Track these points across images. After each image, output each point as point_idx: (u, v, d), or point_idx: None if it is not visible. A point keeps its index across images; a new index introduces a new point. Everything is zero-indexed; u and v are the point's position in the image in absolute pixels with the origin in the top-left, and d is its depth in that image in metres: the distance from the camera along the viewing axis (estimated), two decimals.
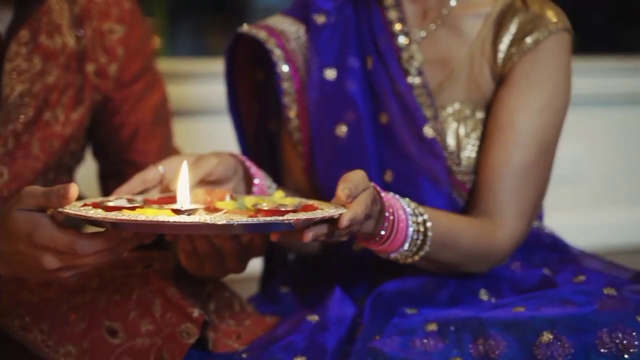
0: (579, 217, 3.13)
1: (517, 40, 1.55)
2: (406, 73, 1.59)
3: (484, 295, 1.53)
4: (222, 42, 3.74)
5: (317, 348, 1.40)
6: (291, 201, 1.30)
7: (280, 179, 1.69)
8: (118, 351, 1.34)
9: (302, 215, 1.17)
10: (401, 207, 1.36)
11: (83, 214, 1.16)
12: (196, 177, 1.38)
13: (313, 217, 1.17)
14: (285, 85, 1.64)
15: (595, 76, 3.07)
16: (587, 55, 2.99)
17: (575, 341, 1.31)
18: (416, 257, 1.41)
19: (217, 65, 2.89)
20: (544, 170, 1.56)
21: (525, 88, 1.53)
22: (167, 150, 1.77)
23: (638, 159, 3.30)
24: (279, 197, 1.33)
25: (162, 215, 1.15)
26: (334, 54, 1.63)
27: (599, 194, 3.23)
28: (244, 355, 1.40)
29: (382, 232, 1.33)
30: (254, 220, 1.14)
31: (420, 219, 1.39)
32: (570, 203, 3.13)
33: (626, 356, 1.29)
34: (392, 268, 1.55)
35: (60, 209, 1.18)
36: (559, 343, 1.32)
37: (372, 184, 1.28)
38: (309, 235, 1.19)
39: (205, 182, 1.40)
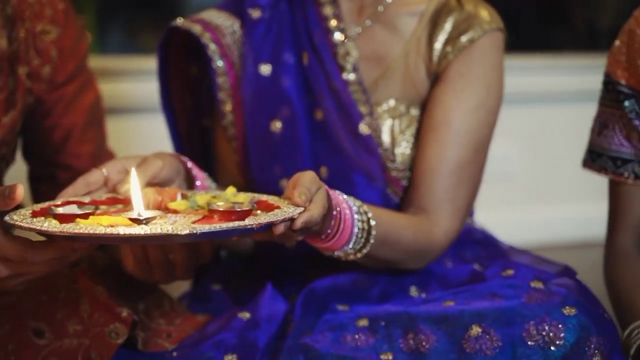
0: (511, 214, 3.16)
1: (452, 39, 1.56)
2: (342, 69, 1.59)
3: (414, 291, 1.54)
4: (154, 40, 3.71)
5: (248, 345, 1.39)
6: (244, 197, 1.29)
7: (213, 176, 1.68)
8: (44, 352, 1.32)
9: (264, 219, 1.17)
10: (347, 205, 1.37)
11: (37, 227, 1.12)
12: (142, 181, 1.35)
13: (274, 219, 1.17)
14: (221, 80, 1.63)
15: (525, 74, 3.11)
16: (517, 53, 3.03)
17: (503, 334, 1.33)
18: (359, 255, 1.41)
19: (148, 63, 2.88)
20: (478, 168, 1.57)
21: (461, 87, 1.55)
22: (101, 153, 1.73)
23: (568, 155, 3.34)
24: (231, 194, 1.31)
25: (121, 226, 1.12)
26: (269, 49, 1.62)
27: (530, 190, 3.28)
28: (174, 354, 1.39)
29: (329, 231, 1.33)
30: (217, 227, 1.13)
31: (364, 217, 1.39)
32: (502, 200, 3.16)
33: (552, 348, 1.31)
34: (323, 265, 1.55)
35: (10, 220, 1.15)
36: (487, 336, 1.33)
37: (323, 183, 1.28)
38: (280, 228, 1.19)
39: (151, 184, 1.39)
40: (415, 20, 1.60)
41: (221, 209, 1.19)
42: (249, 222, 1.15)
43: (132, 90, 2.89)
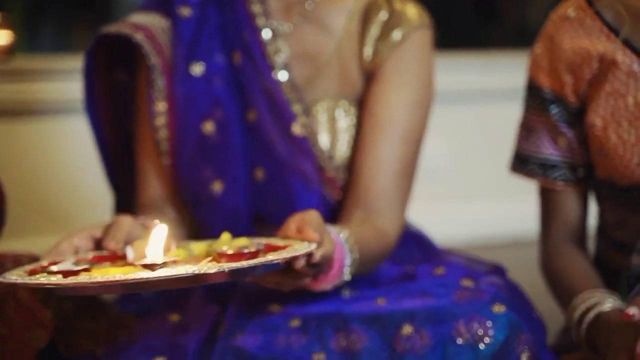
0: (441, 212, 3.18)
1: (384, 35, 1.57)
2: (272, 68, 1.58)
3: (345, 291, 1.54)
4: (87, 38, 3.66)
5: (178, 348, 1.38)
6: (245, 241, 1.29)
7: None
8: None
9: (287, 254, 1.18)
10: (340, 242, 1.37)
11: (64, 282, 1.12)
12: (122, 239, 1.33)
13: (298, 254, 1.19)
14: (157, 79, 1.59)
15: (456, 72, 3.13)
16: (448, 51, 3.04)
17: (433, 333, 1.34)
18: (339, 283, 1.41)
19: (70, 63, 2.83)
20: (416, 164, 1.59)
21: (400, 84, 1.56)
22: None
23: (498, 154, 3.38)
24: (228, 239, 1.31)
25: (144, 272, 1.12)
26: (200, 49, 1.60)
27: (461, 189, 3.30)
28: (103, 358, 1.38)
29: (332, 271, 1.35)
30: (244, 264, 1.14)
31: (355, 255, 1.40)
32: (433, 198, 3.18)
33: (481, 346, 1.32)
34: None
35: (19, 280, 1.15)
36: (418, 335, 1.34)
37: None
38: (301, 263, 1.23)
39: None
40: (344, 17, 1.60)
41: (229, 252, 1.19)
42: (274, 258, 1.16)
43: (63, 91, 2.84)
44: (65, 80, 2.81)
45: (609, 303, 1.35)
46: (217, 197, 1.56)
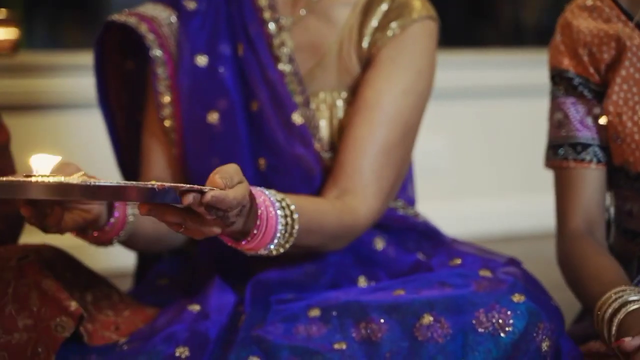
0: (439, 209, 3.20)
1: (382, 26, 1.58)
2: (277, 60, 1.59)
3: (362, 282, 1.55)
4: (79, 35, 3.65)
5: (199, 338, 1.38)
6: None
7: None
8: None
9: (168, 185, 1.13)
10: (271, 202, 1.34)
11: None
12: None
13: (181, 185, 1.14)
14: (159, 70, 1.61)
15: (451, 69, 3.15)
16: (443, 48, 3.06)
17: (454, 322, 1.35)
18: (281, 250, 1.38)
19: (76, 59, 2.84)
20: (405, 152, 1.59)
21: (391, 71, 1.56)
22: None
23: (496, 150, 3.40)
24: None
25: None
26: (205, 40, 1.61)
27: (458, 185, 3.32)
28: (125, 347, 1.38)
29: (255, 231, 1.30)
30: (114, 182, 1.10)
31: (288, 212, 1.36)
32: (431, 195, 3.20)
33: (502, 335, 1.34)
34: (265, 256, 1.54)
35: None
36: (438, 324, 1.35)
37: (245, 179, 1.24)
38: (189, 198, 1.14)
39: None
40: (349, 9, 1.61)
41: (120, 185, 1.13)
42: (150, 184, 1.11)
43: (58, 86, 2.84)
44: (58, 77, 2.81)
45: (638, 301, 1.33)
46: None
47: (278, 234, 1.34)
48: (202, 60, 1.61)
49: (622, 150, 1.48)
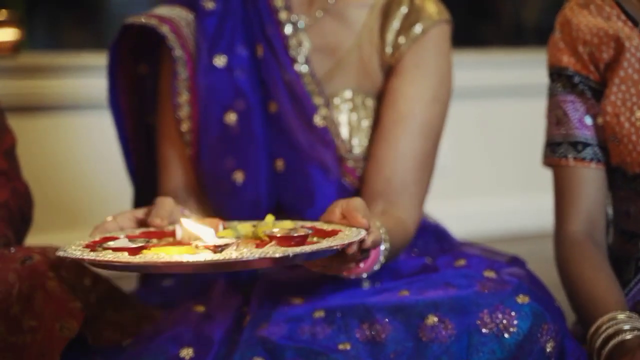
0: (443, 208, 3.20)
1: (404, 30, 1.59)
2: (294, 61, 1.60)
3: (366, 284, 1.55)
4: (80, 36, 3.65)
5: (204, 339, 1.39)
6: (289, 224, 1.28)
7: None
8: None
9: (347, 240, 1.19)
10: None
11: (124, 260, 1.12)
12: (165, 219, 1.33)
13: (354, 239, 1.20)
14: (180, 70, 1.61)
15: (456, 69, 3.15)
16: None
17: (458, 322, 1.35)
18: (371, 271, 1.42)
19: (76, 60, 2.84)
20: (435, 159, 1.62)
21: (419, 78, 1.57)
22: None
23: (497, 150, 3.41)
24: (271, 222, 1.30)
25: (205, 253, 1.12)
26: (223, 41, 1.62)
27: (458, 185, 3.32)
28: (129, 349, 1.38)
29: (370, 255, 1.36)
30: (306, 249, 1.14)
31: (387, 244, 1.41)
32: (431, 194, 3.20)
33: (506, 335, 1.34)
34: None
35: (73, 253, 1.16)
36: (443, 325, 1.35)
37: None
38: (353, 248, 1.22)
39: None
40: (366, 11, 1.61)
41: (278, 235, 1.19)
42: (332, 243, 1.17)
43: (59, 87, 2.84)
44: (59, 78, 2.81)
45: (631, 331, 1.33)
46: (238, 187, 1.57)
47: (379, 262, 1.40)
48: (220, 60, 1.61)
49: (620, 151, 1.48)
